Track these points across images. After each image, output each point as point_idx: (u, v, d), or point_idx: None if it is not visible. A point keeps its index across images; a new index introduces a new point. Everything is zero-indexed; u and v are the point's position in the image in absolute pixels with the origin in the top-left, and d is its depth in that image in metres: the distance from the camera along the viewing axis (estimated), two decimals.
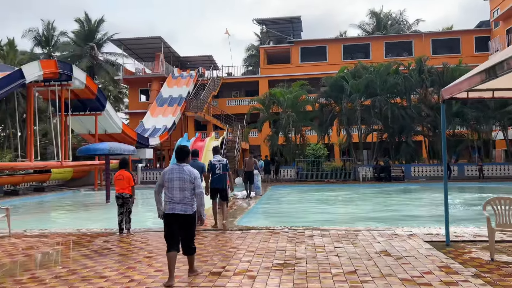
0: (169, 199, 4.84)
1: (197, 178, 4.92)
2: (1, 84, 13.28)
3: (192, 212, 4.88)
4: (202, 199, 4.96)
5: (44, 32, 45.59)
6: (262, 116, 24.76)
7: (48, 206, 16.88)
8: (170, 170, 4.94)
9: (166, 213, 4.87)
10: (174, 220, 4.81)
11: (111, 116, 21.88)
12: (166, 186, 4.89)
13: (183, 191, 4.83)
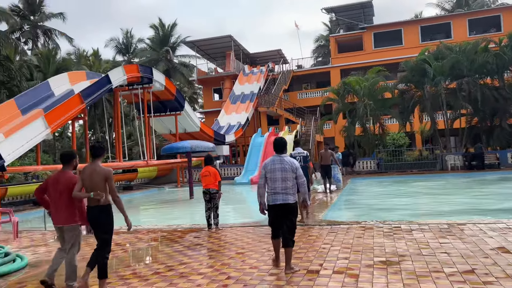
0: (271, 190, 4.96)
1: (299, 168, 5.02)
2: (92, 90, 14.25)
3: (293, 201, 4.97)
4: (305, 188, 5.16)
5: (123, 40, 48.72)
6: (337, 107, 23.99)
7: (138, 203, 17.88)
8: (272, 161, 5.05)
9: (269, 204, 5.01)
10: (278, 211, 4.95)
11: (189, 115, 22.62)
12: (268, 177, 5.00)
13: (285, 181, 4.91)
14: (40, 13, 41.62)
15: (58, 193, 4.49)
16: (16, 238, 8.56)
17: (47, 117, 12.22)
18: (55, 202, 4.53)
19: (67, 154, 4.70)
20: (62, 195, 4.47)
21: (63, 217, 4.51)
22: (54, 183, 4.54)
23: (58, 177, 4.56)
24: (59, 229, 4.63)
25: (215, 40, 38.76)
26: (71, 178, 4.50)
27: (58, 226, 4.59)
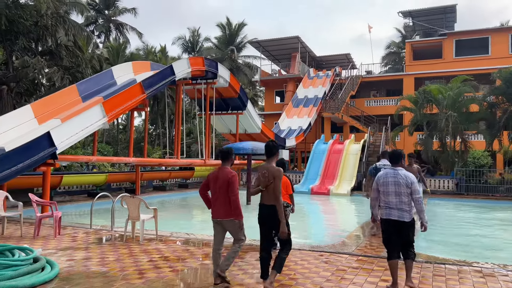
0: (385, 204, 4.79)
1: (414, 183, 4.73)
2: (154, 80, 13.43)
3: (409, 219, 4.69)
4: (422, 205, 4.74)
5: (190, 38, 49.00)
6: (413, 117, 21.61)
7: (192, 204, 16.90)
8: (385, 174, 4.85)
9: (383, 218, 4.82)
10: (392, 226, 4.72)
11: (251, 116, 21.44)
12: (381, 191, 4.83)
13: (399, 195, 4.69)
14: (114, 7, 42.84)
15: (217, 188, 4.73)
16: (57, 236, 7.64)
17: (106, 105, 11.49)
18: (214, 197, 4.79)
19: (225, 151, 4.93)
20: (221, 189, 4.69)
21: (222, 211, 4.73)
22: (214, 179, 4.79)
23: (217, 173, 4.80)
24: (218, 224, 4.81)
25: (281, 41, 37.53)
26: (228, 173, 4.70)
27: (217, 220, 4.79)
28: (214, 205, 4.79)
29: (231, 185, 4.61)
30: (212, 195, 4.83)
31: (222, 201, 4.69)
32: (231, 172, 4.72)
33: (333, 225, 12.50)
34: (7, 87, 14.86)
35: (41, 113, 12.18)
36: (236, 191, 4.63)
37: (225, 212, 4.69)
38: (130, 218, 7.67)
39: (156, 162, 16.69)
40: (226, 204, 4.67)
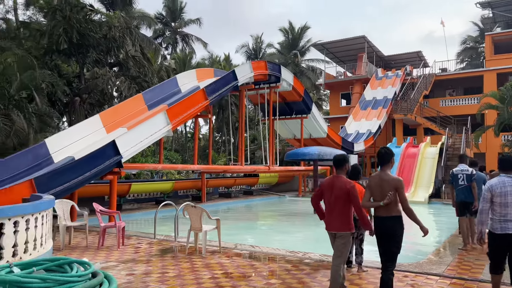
0: (501, 217, 4.29)
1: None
2: (217, 86, 13.21)
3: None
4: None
5: (253, 46, 49.20)
6: (499, 116, 19.37)
7: (257, 211, 16.46)
8: (501, 183, 4.32)
9: (496, 233, 4.32)
10: (507, 241, 4.23)
11: (316, 120, 20.59)
12: (496, 202, 4.31)
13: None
14: (180, 19, 44.26)
15: (332, 198, 4.46)
16: (120, 247, 7.47)
17: (169, 113, 11.41)
18: (329, 208, 4.52)
19: (339, 158, 4.63)
20: (337, 200, 4.42)
21: (337, 223, 4.46)
22: (329, 188, 4.51)
23: (332, 182, 4.52)
24: (332, 236, 4.57)
25: (346, 42, 36.19)
26: (345, 183, 4.41)
27: (331, 232, 4.54)
28: (329, 216, 4.54)
29: (352, 197, 4.33)
30: (327, 206, 4.57)
31: (338, 212, 4.43)
32: (349, 182, 4.45)
33: (413, 237, 11.27)
34: (80, 99, 15.59)
35: (109, 122, 12.42)
36: (359, 203, 4.34)
37: (342, 224, 4.44)
38: (193, 228, 7.29)
39: (220, 169, 16.51)
40: (342, 215, 4.42)
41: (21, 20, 22.75)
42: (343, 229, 4.44)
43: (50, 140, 10.95)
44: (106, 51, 15.73)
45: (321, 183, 4.76)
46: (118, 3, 29.53)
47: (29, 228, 5.53)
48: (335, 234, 4.50)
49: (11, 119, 11.58)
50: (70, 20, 14.33)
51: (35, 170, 9.72)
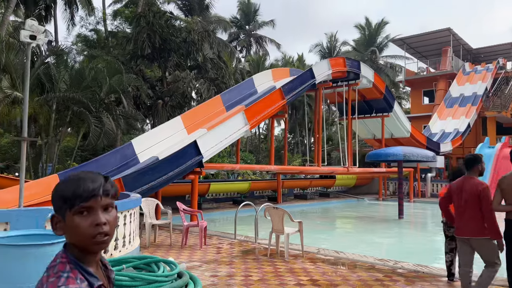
0: None
1: None
2: (294, 85, 12.92)
3: None
4: None
5: (327, 44, 48.18)
6: None
7: (335, 215, 15.87)
8: None
9: None
10: None
11: (399, 118, 19.38)
12: None
13: None
14: (254, 22, 44.76)
15: (462, 201, 4.16)
16: (203, 247, 7.47)
17: (247, 113, 11.36)
18: (459, 211, 4.24)
19: (471, 158, 4.29)
20: (467, 203, 4.11)
21: (468, 228, 4.11)
22: (458, 191, 4.24)
23: (462, 184, 4.22)
24: (465, 242, 4.21)
25: (429, 36, 33.84)
26: (477, 185, 4.07)
27: (464, 238, 4.19)
28: (459, 220, 4.22)
29: (483, 199, 3.99)
30: (456, 209, 4.29)
31: (469, 216, 4.08)
32: (481, 183, 4.07)
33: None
34: (162, 101, 16.29)
35: (190, 123, 12.71)
36: (490, 206, 3.99)
37: (475, 229, 4.05)
38: (274, 230, 7.05)
39: (297, 170, 16.21)
40: (475, 220, 4.05)
41: (109, 30, 24.50)
42: (477, 234, 4.05)
43: (136, 141, 11.44)
44: (186, 55, 16.26)
45: (450, 185, 4.46)
46: (196, 9, 30.61)
47: (119, 225, 5.67)
48: (469, 240, 4.14)
49: (101, 121, 12.36)
50: (153, 25, 15.04)
51: (123, 170, 10.19)
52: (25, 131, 5.73)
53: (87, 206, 1.03)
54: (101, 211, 1.05)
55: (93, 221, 1.03)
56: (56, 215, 1.06)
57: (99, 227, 1.03)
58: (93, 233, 1.02)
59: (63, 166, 16.58)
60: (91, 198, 1.03)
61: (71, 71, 12.88)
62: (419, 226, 13.29)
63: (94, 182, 1.05)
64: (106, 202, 1.06)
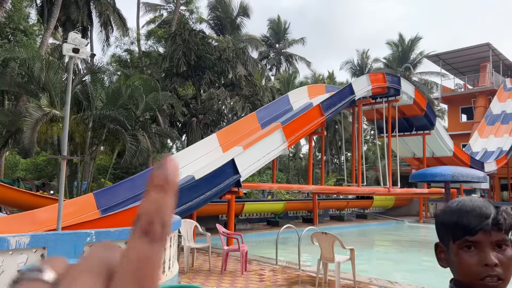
0: None
1: None
2: (333, 101, 12.41)
3: None
4: None
5: (358, 61, 47.59)
6: None
7: (375, 238, 15.02)
8: None
9: None
10: None
11: (441, 136, 18.44)
12: None
13: None
14: (284, 40, 44.78)
15: None
16: (244, 273, 6.95)
17: (285, 130, 10.91)
18: None
19: None
20: None
21: None
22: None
23: None
24: None
25: (467, 51, 32.76)
26: None
27: None
28: None
29: None
30: None
31: None
32: None
33: None
34: (196, 119, 16.10)
35: (225, 141, 12.38)
36: None
37: None
38: (323, 258, 6.47)
39: (335, 190, 15.53)
40: None
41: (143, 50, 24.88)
42: None
43: None
44: (220, 72, 16.10)
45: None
46: (228, 28, 30.82)
47: None
48: None
49: (137, 139, 12.22)
50: (189, 43, 14.99)
51: None
52: (65, 149, 5.48)
53: (473, 241, 0.88)
54: (492, 249, 0.87)
55: (482, 260, 0.87)
56: (440, 244, 0.96)
57: (488, 269, 0.86)
58: (481, 275, 0.86)
59: (97, 185, 16.57)
60: (478, 231, 0.88)
61: (108, 88, 12.89)
62: None
63: (482, 212, 0.89)
64: (498, 237, 0.88)
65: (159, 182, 0.30)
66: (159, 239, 0.29)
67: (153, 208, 0.30)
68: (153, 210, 0.30)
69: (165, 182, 0.30)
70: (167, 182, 0.30)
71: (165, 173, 0.30)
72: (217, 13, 32.12)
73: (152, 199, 0.30)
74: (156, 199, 0.30)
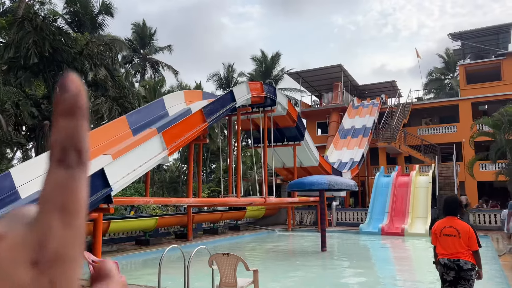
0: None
1: None
2: (215, 107, 11.60)
3: None
4: None
5: (225, 74, 48.22)
6: (497, 143, 18.89)
7: (255, 250, 14.56)
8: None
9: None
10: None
11: (309, 147, 19.28)
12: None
13: None
14: (150, 46, 42.70)
15: None
16: None
17: (165, 136, 9.64)
18: None
19: None
20: None
21: None
22: None
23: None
24: None
25: (323, 71, 35.97)
26: None
27: None
28: None
29: None
30: None
31: None
32: None
33: None
34: (50, 122, 13.42)
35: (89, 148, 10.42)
36: None
37: None
38: (223, 284, 5.48)
39: (215, 202, 14.66)
40: None
41: None
42: None
43: (15, 170, 8.84)
44: (81, 69, 13.79)
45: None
46: (88, 26, 27.69)
47: None
48: None
49: None
50: (42, 31, 12.40)
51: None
52: None
53: None
54: None
55: None
56: None
57: None
58: None
59: None
60: None
61: None
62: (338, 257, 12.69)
63: None
64: None
65: (65, 106, 0.28)
66: (77, 164, 0.29)
67: (64, 135, 0.29)
68: (64, 138, 0.29)
69: (72, 105, 0.29)
70: (75, 104, 0.29)
71: (71, 95, 0.28)
72: (74, 7, 28.63)
73: (62, 126, 0.28)
74: (66, 124, 0.28)
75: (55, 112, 0.28)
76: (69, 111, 0.28)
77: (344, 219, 22.34)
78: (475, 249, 4.42)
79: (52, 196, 0.27)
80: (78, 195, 0.28)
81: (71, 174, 0.28)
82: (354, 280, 9.54)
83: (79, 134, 0.29)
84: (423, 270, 10.62)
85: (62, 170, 0.28)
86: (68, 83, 0.28)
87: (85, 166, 0.29)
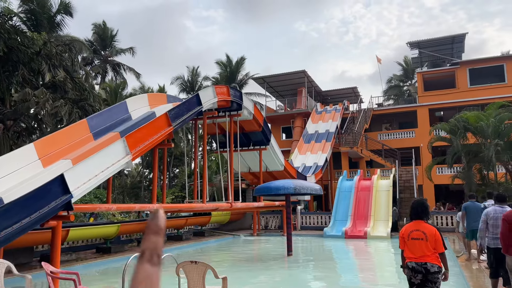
0: (493, 235, 6.14)
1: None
2: (181, 110, 11.36)
3: None
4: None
5: (189, 78, 47.68)
6: (453, 148, 19.71)
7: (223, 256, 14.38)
8: (494, 211, 6.30)
9: (491, 247, 6.22)
10: (498, 254, 5.66)
11: (275, 152, 19.33)
12: (490, 224, 6.25)
13: None
14: (111, 48, 41.57)
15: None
16: None
17: (128, 140, 9.32)
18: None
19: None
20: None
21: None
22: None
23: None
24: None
25: (287, 76, 36.33)
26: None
27: None
28: None
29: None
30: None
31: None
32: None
33: None
34: (4, 126, 12.61)
35: (47, 153, 9.94)
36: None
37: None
38: None
39: (180, 207, 14.33)
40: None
41: None
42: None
43: None
44: (38, 70, 13.09)
45: (505, 216, 5.14)
46: (45, 25, 26.52)
47: None
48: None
49: None
50: None
51: None
52: None
53: None
54: None
55: None
56: None
57: None
58: None
59: None
60: None
61: None
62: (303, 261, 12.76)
63: None
64: None
65: (154, 228, 0.52)
66: (157, 264, 0.51)
67: (152, 246, 0.52)
68: (152, 248, 0.52)
69: (158, 228, 0.53)
70: (160, 229, 0.53)
71: (158, 222, 0.53)
72: (31, 6, 27.36)
73: (151, 240, 0.52)
74: (153, 240, 0.52)
75: (148, 230, 0.51)
76: (157, 232, 0.52)
77: (308, 223, 22.57)
78: (441, 251, 4.53)
79: (142, 282, 0.47)
80: (158, 283, 0.49)
81: (156, 270, 0.50)
82: (319, 284, 9.62)
83: (161, 245, 0.53)
84: (385, 272, 10.86)
85: (149, 266, 0.49)
86: (159, 215, 0.52)
87: (161, 265, 0.52)
